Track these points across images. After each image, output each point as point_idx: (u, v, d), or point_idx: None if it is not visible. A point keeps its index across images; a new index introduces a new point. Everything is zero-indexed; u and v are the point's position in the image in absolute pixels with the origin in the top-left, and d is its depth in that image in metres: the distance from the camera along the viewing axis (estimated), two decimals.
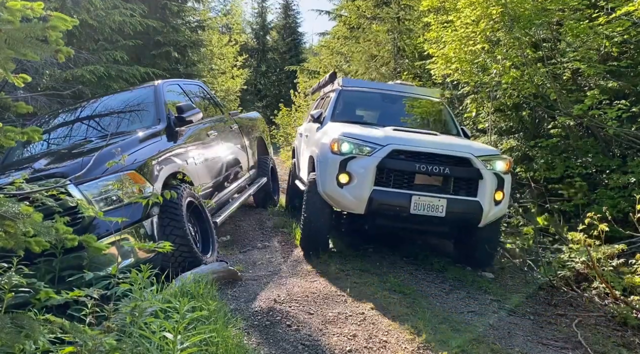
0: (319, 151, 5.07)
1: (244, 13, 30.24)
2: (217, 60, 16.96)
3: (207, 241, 4.50)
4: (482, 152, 4.77)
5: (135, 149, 3.99)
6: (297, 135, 8.40)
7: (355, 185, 4.56)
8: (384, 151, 4.55)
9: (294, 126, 15.88)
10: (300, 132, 7.61)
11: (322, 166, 4.86)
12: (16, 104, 2.23)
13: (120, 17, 8.75)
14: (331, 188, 4.67)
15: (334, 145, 4.69)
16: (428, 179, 4.66)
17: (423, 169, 4.52)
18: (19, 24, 1.89)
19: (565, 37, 5.93)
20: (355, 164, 4.58)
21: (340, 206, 4.80)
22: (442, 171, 4.53)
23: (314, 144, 5.59)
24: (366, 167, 4.53)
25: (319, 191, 4.82)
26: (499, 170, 4.70)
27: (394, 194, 4.53)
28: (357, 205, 4.60)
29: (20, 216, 1.88)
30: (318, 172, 4.93)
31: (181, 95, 5.67)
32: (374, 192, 4.51)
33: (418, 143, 4.69)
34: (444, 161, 4.57)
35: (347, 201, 4.65)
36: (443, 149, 4.66)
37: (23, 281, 2.27)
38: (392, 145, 4.59)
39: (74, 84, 7.93)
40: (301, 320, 3.55)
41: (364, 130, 5.10)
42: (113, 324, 2.39)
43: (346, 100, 6.34)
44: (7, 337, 1.71)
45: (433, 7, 8.01)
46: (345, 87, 6.53)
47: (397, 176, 4.58)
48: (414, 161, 4.57)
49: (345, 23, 14.83)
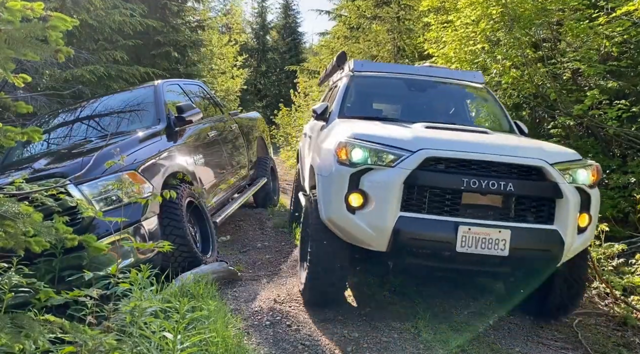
0: (320, 159, 3.79)
1: (244, 13, 30.26)
2: (217, 60, 16.97)
3: (207, 241, 4.51)
4: (558, 158, 3.37)
5: (135, 149, 3.99)
6: (302, 135, 6.84)
7: (373, 210, 3.19)
8: (414, 159, 3.17)
9: (294, 125, 15.87)
10: (305, 132, 6.21)
11: (325, 181, 3.53)
12: (16, 104, 2.23)
13: (120, 17, 8.75)
14: (338, 214, 3.31)
15: (341, 151, 3.35)
16: (481, 200, 3.25)
17: (474, 185, 3.14)
18: (19, 24, 1.89)
19: (565, 37, 5.93)
20: (373, 179, 3.22)
21: (352, 239, 3.36)
22: (502, 188, 3.15)
23: (315, 149, 4.28)
24: (388, 183, 3.16)
25: (322, 217, 3.49)
26: (582, 182, 3.32)
27: (430, 223, 3.16)
28: (376, 239, 3.21)
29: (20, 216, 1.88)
30: (320, 189, 3.60)
31: (181, 95, 5.67)
32: (400, 221, 3.14)
33: (464, 146, 3.30)
34: (505, 172, 3.23)
35: (361, 233, 3.25)
36: (503, 154, 3.26)
37: (23, 281, 2.27)
38: (427, 150, 3.20)
39: (74, 84, 7.93)
40: (301, 320, 3.55)
41: (384, 129, 3.75)
42: (113, 324, 2.39)
43: (359, 89, 4.88)
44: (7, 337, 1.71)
45: (433, 7, 8.03)
46: (358, 71, 5.01)
47: (435, 196, 3.21)
48: (460, 173, 3.19)
49: (345, 23, 14.85)
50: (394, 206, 3.15)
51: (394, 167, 3.20)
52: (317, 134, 4.66)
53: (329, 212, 3.39)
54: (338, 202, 3.29)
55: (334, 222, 3.38)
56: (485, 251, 3.13)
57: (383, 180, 3.20)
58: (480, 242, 3.13)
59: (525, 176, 3.25)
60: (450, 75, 5.28)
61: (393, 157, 3.24)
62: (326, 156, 3.63)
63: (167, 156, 4.37)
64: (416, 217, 3.17)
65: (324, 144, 3.91)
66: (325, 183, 3.51)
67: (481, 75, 5.36)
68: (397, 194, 3.15)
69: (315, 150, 4.31)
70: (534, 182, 3.25)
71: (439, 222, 3.16)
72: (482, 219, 3.19)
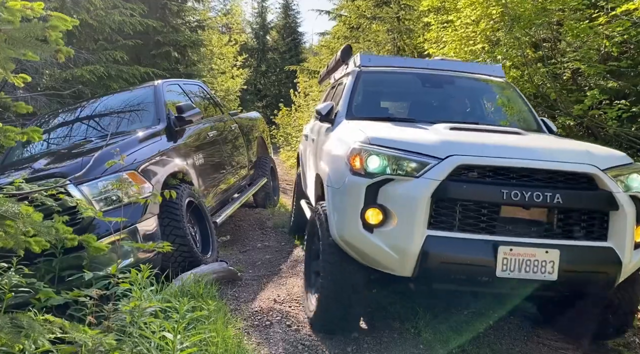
0: (329, 168, 3.39)
1: (244, 13, 30.27)
2: (217, 60, 16.96)
3: (207, 241, 4.51)
4: (610, 162, 2.88)
5: (135, 149, 3.99)
6: (302, 137, 6.33)
7: (395, 229, 2.74)
8: (443, 167, 2.72)
9: (294, 125, 15.86)
10: (306, 134, 5.71)
11: (336, 194, 3.11)
12: (16, 104, 2.23)
13: (120, 17, 8.75)
14: (353, 232, 2.87)
15: (354, 159, 2.93)
16: (522, 214, 2.80)
17: (516, 197, 2.67)
18: (19, 24, 1.89)
19: (565, 37, 5.93)
20: (394, 191, 2.78)
21: (369, 261, 2.93)
22: (549, 200, 2.68)
23: (322, 156, 3.83)
24: (413, 197, 2.70)
25: (333, 236, 3.06)
26: (636, 190, 2.85)
27: (465, 243, 2.70)
28: (399, 263, 2.76)
29: (20, 216, 1.88)
30: (330, 203, 3.18)
31: (181, 95, 5.68)
32: (429, 241, 2.67)
33: (501, 151, 2.84)
34: (551, 181, 2.76)
35: (380, 256, 2.82)
36: (546, 159, 2.80)
37: (23, 281, 2.28)
38: (458, 157, 2.74)
39: (74, 84, 7.94)
40: (301, 320, 3.55)
41: (402, 132, 3.29)
42: (113, 324, 2.39)
43: (368, 86, 4.37)
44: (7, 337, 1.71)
45: (433, 7, 8.02)
46: (365, 66, 4.50)
47: (469, 211, 2.74)
48: (498, 183, 2.73)
49: (345, 23, 14.86)
50: (420, 224, 2.68)
51: (418, 178, 2.74)
52: (322, 137, 4.14)
53: (342, 231, 2.96)
54: (353, 219, 2.84)
55: (348, 242, 2.94)
56: (530, 275, 2.67)
57: (406, 193, 2.73)
58: (525, 265, 2.66)
59: (574, 184, 2.77)
60: (467, 69, 4.75)
61: (417, 165, 2.79)
62: (336, 165, 3.21)
63: (167, 156, 4.37)
64: (447, 237, 2.70)
65: (332, 150, 3.48)
66: (337, 196, 3.08)
67: (501, 69, 4.84)
68: (423, 210, 2.68)
69: (321, 156, 3.85)
70: (585, 192, 2.77)
71: (475, 243, 2.69)
72: (524, 237, 2.73)
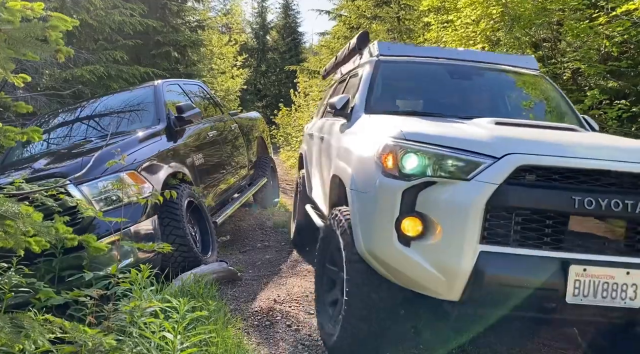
0: (353, 168, 2.90)
1: (244, 13, 30.28)
2: (217, 60, 16.98)
3: (207, 241, 4.51)
4: None
5: (135, 149, 3.99)
6: (304, 136, 5.91)
7: (440, 242, 2.27)
8: (500, 168, 2.22)
9: (294, 125, 15.85)
10: (311, 133, 5.27)
11: (363, 200, 2.63)
12: (16, 103, 2.23)
13: (120, 17, 8.76)
14: (385, 246, 2.42)
15: (387, 158, 2.48)
16: (596, 227, 2.30)
17: (590, 205, 2.18)
18: (19, 24, 1.89)
19: (565, 37, 5.93)
20: (437, 197, 2.31)
21: (405, 281, 2.48)
22: (630, 208, 2.19)
23: (340, 155, 3.40)
24: (463, 204, 2.23)
25: (359, 250, 2.60)
26: None
27: (526, 262, 2.20)
28: (444, 284, 2.28)
29: (20, 216, 1.88)
30: (356, 211, 2.69)
31: (181, 95, 5.68)
32: (483, 258, 2.19)
33: (567, 149, 2.35)
34: (630, 186, 2.26)
35: (420, 275, 2.35)
36: (623, 159, 2.30)
37: (23, 281, 2.28)
38: (518, 156, 2.24)
39: (74, 84, 7.94)
40: (301, 320, 3.55)
41: (441, 126, 2.80)
42: (113, 324, 2.39)
43: (388, 77, 3.87)
44: (7, 337, 1.71)
45: (433, 7, 8.03)
46: (385, 56, 4.02)
47: (531, 223, 2.24)
48: (567, 188, 2.24)
49: (345, 23, 14.85)
50: (471, 237, 2.20)
51: (469, 181, 2.26)
52: (338, 134, 3.74)
53: (371, 244, 2.50)
54: (385, 230, 2.38)
55: (379, 257, 2.47)
56: (607, 301, 2.17)
57: (454, 199, 2.26)
58: (601, 289, 2.17)
59: None
60: (497, 60, 4.28)
61: (466, 165, 2.30)
62: (363, 165, 2.75)
63: (167, 155, 4.37)
64: (505, 253, 2.20)
65: (356, 147, 3.01)
66: (364, 202, 2.60)
67: (534, 61, 4.40)
68: (476, 220, 2.19)
69: (339, 155, 3.39)
70: None
71: (540, 261, 2.20)
72: (599, 255, 2.22)
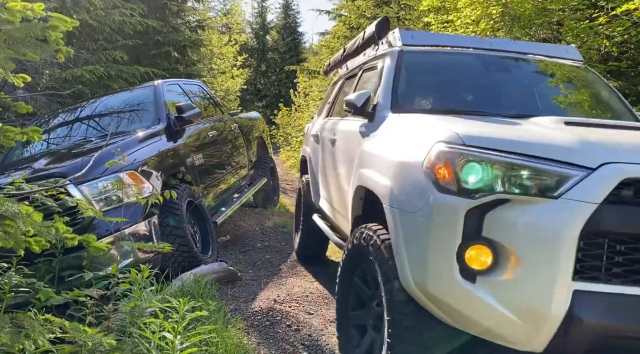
0: (392, 180, 2.30)
1: (244, 13, 30.26)
2: (217, 60, 16.97)
3: (207, 241, 4.51)
4: None
5: (135, 149, 3.99)
6: (306, 137, 5.38)
7: (517, 278, 1.77)
8: (598, 182, 1.73)
9: (294, 125, 15.84)
10: (316, 134, 4.67)
11: (410, 221, 2.09)
12: (16, 104, 2.23)
13: (120, 17, 8.75)
14: (442, 282, 1.93)
15: (441, 169, 1.96)
16: None
17: None
18: (19, 24, 1.89)
19: (565, 37, 5.92)
20: (513, 219, 1.81)
21: (467, 325, 2.02)
22: None
23: (365, 162, 2.80)
24: (552, 229, 1.73)
25: (406, 283, 2.09)
26: None
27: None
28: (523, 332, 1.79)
29: (20, 216, 1.88)
30: (399, 235, 2.14)
31: (181, 95, 5.68)
32: (579, 299, 1.70)
33: None
34: None
35: (488, 318, 1.86)
36: None
37: (23, 281, 2.28)
38: (619, 166, 1.75)
39: (74, 84, 7.93)
40: (301, 320, 3.55)
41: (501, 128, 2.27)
42: (113, 324, 2.40)
43: (415, 70, 3.31)
44: (7, 337, 1.71)
45: (433, 6, 8.01)
46: (409, 46, 3.40)
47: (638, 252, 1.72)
48: None
49: (345, 23, 14.85)
50: (563, 272, 1.69)
51: (556, 199, 1.75)
52: (358, 136, 3.10)
53: (423, 278, 1.96)
54: (442, 260, 1.89)
55: (433, 295, 1.97)
56: None
57: (537, 222, 1.75)
58: None
59: None
60: (535, 50, 3.72)
61: (551, 178, 1.78)
62: (406, 176, 2.18)
63: (167, 156, 4.37)
64: (608, 294, 1.69)
65: (389, 153, 2.44)
66: (413, 225, 2.04)
67: (576, 50, 3.85)
68: (569, 250, 1.68)
69: (365, 162, 2.79)
70: None
71: None
72: None
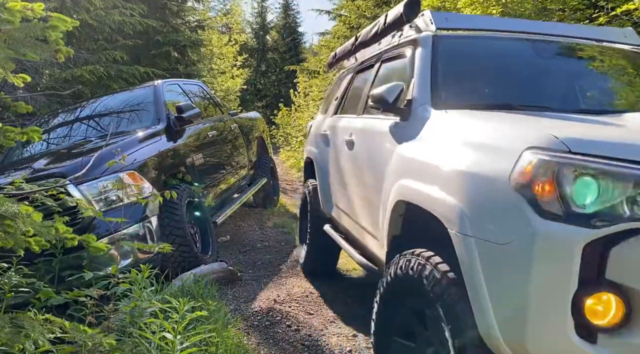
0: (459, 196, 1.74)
1: (244, 13, 30.26)
2: (217, 60, 16.96)
3: (207, 241, 4.51)
4: None
5: (135, 149, 3.99)
6: (311, 137, 4.86)
7: None
8: None
9: (294, 125, 15.83)
10: (324, 133, 4.23)
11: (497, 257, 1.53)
12: (16, 104, 2.23)
13: (120, 17, 8.75)
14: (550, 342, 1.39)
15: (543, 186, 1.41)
16: None
17: None
18: (19, 24, 1.89)
19: None
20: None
21: None
22: None
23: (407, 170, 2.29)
24: None
25: (492, 344, 1.55)
26: None
27: None
28: None
29: (20, 216, 1.88)
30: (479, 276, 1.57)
31: (181, 95, 5.68)
32: None
33: None
34: None
35: None
36: None
37: (23, 281, 2.27)
38: None
39: (74, 84, 7.93)
40: (301, 320, 3.55)
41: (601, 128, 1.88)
42: (113, 324, 2.40)
43: (455, 59, 2.80)
44: (7, 337, 1.71)
45: (433, 6, 8.02)
46: (442, 29, 2.88)
47: None
48: None
49: (345, 23, 14.83)
50: None
51: None
52: (389, 138, 2.64)
53: (521, 335, 1.45)
54: (550, 312, 1.40)
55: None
56: None
57: None
58: None
59: None
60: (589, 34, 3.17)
61: None
62: (486, 193, 1.66)
63: (167, 156, 4.37)
64: None
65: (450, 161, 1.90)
66: (503, 262, 1.53)
67: (634, 33, 3.29)
68: None
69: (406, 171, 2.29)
70: None
71: None
72: None
